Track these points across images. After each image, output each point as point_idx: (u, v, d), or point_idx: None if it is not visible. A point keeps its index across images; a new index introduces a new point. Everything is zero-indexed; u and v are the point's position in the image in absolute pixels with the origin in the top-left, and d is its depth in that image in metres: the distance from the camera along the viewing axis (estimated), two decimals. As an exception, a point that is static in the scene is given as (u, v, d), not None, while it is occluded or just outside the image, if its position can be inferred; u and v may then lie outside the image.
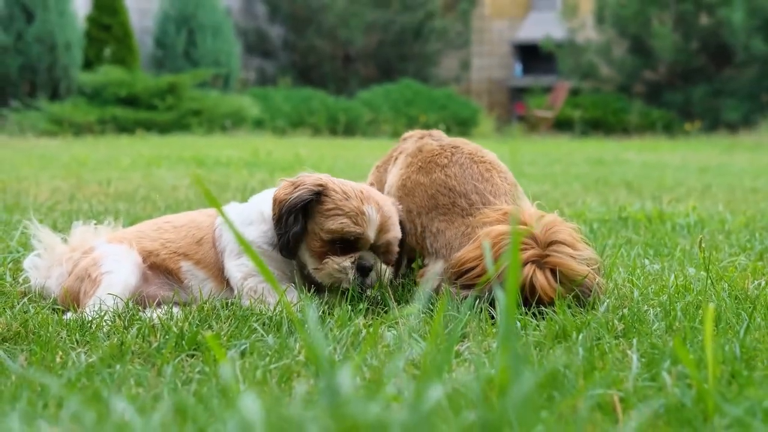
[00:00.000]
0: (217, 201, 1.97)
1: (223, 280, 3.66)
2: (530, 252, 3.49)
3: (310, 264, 3.64)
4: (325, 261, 3.59)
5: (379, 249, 3.66)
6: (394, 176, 4.19)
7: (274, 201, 3.65)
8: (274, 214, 3.64)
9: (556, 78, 32.11)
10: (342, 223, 3.57)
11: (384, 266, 3.65)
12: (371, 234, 3.60)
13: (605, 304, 3.42)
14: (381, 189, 4.23)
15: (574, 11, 31.41)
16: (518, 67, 35.93)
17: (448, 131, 22.27)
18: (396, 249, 3.73)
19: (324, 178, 3.68)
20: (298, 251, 3.66)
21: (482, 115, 29.97)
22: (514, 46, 35.76)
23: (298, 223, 3.59)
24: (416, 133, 4.45)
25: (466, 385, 2.01)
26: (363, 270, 3.60)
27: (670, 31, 29.19)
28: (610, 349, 2.84)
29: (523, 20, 35.98)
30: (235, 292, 3.59)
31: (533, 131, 28.98)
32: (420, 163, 4.08)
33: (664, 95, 29.82)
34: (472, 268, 3.55)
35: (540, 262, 3.48)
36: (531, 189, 9.38)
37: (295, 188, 3.61)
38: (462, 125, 28.34)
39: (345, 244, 3.60)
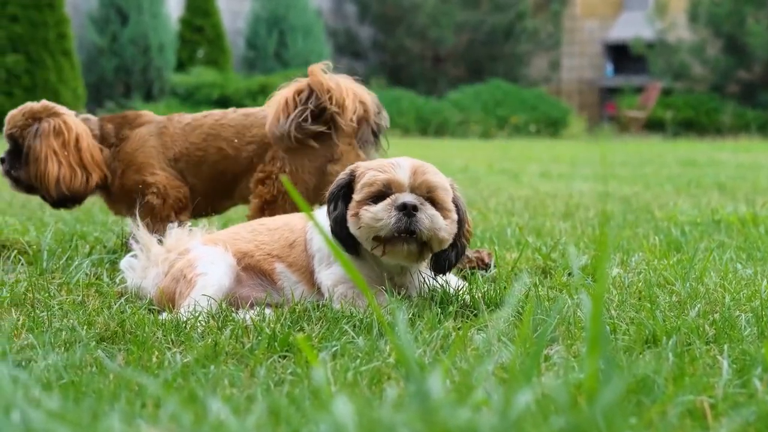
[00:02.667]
0: (308, 206, 2.01)
1: (314, 283, 3.69)
2: None
3: (354, 230, 3.53)
4: (360, 215, 3.49)
5: (420, 191, 3.48)
6: None
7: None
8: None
9: (648, 78, 31.77)
10: (369, 175, 3.51)
11: (436, 213, 3.46)
12: (402, 176, 3.48)
13: (696, 308, 3.40)
14: None
15: (664, 10, 31.03)
16: (609, 67, 35.61)
17: (539, 132, 21.97)
18: (444, 198, 3.52)
19: (358, 162, 3.69)
20: (354, 240, 3.58)
21: (572, 115, 29.77)
22: (606, 46, 35.45)
23: (338, 208, 3.56)
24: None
25: (554, 389, 2.02)
26: (404, 208, 3.41)
27: (766, 29, 28.70)
28: (700, 354, 2.83)
29: (615, 20, 35.65)
30: (326, 296, 3.62)
31: (624, 132, 28.72)
32: None
33: (759, 95, 29.33)
34: None
35: None
36: (622, 190, 9.32)
37: None
38: (552, 126, 28.20)
39: (379, 197, 3.48)
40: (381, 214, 3.43)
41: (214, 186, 4.81)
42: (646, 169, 12.95)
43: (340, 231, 3.57)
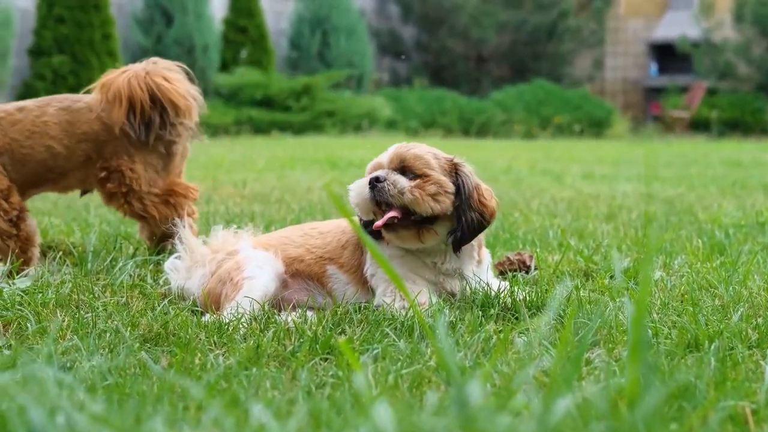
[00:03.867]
0: (348, 212, 2.02)
1: (364, 282, 3.72)
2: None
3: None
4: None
5: (393, 165, 3.61)
6: None
7: None
8: None
9: (693, 77, 31.53)
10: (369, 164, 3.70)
11: (399, 177, 3.57)
12: (383, 157, 3.64)
13: (739, 312, 3.38)
14: None
15: (709, 10, 30.78)
16: (654, 67, 35.38)
17: (582, 132, 21.80)
18: (415, 165, 3.59)
19: None
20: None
21: (616, 115, 29.59)
22: (650, 46, 35.23)
23: None
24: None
25: (594, 394, 2.02)
26: (370, 182, 3.56)
27: (813, 28, 28.45)
28: (743, 359, 2.81)
29: (660, 19, 35.42)
30: (379, 291, 3.65)
31: (669, 132, 28.52)
32: None
33: (806, 95, 29.06)
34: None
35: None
36: (666, 192, 9.26)
37: None
38: (596, 126, 28.05)
39: None
40: (357, 190, 3.61)
41: (37, 179, 4.72)
42: (690, 170, 12.85)
43: (360, 219, 3.70)
